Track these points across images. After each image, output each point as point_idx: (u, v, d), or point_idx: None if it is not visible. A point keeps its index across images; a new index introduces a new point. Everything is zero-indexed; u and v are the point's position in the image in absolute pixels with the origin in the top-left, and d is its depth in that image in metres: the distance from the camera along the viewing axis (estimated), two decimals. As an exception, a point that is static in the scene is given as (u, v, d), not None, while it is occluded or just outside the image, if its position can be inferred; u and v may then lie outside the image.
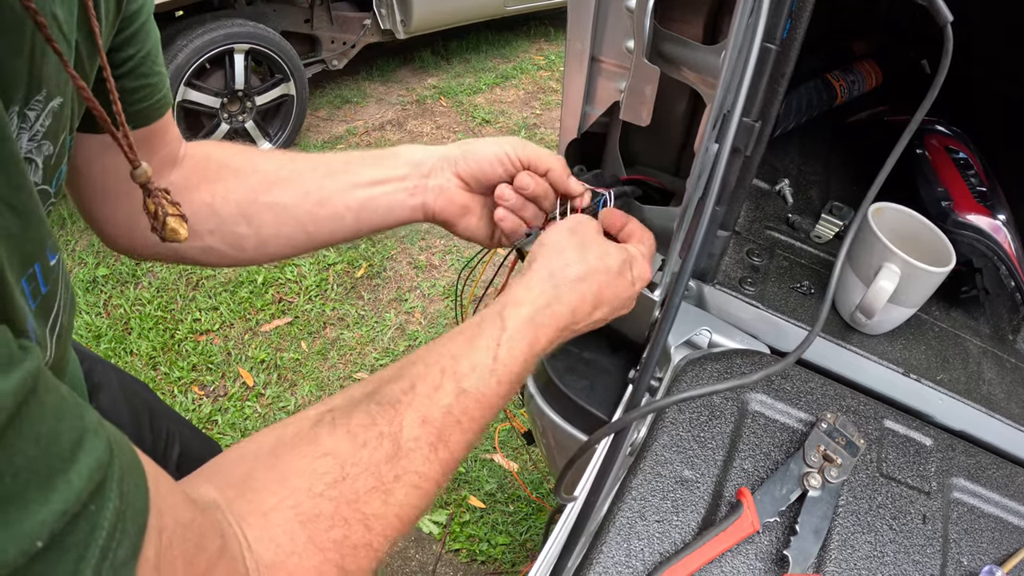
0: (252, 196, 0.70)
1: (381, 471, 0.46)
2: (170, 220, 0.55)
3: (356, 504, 0.44)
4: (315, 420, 0.48)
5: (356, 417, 0.48)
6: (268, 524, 0.42)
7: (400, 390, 0.50)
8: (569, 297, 0.61)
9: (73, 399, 0.32)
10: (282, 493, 0.43)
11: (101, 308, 2.62)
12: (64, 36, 0.44)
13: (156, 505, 0.34)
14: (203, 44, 3.02)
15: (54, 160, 0.46)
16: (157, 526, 0.33)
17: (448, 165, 0.74)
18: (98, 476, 0.30)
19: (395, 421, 0.48)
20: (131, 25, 0.56)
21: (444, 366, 0.52)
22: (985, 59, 1.30)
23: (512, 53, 5.26)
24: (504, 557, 1.97)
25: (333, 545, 0.43)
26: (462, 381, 0.52)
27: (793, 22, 0.66)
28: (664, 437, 0.73)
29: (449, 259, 3.04)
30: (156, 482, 0.35)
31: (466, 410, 0.51)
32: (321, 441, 0.46)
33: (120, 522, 0.31)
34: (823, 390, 0.82)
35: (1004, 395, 0.89)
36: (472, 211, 0.76)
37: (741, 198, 0.81)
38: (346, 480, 0.45)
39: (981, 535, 0.74)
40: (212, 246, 0.71)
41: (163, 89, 0.63)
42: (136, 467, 0.34)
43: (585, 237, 0.66)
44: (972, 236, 0.96)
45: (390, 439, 0.47)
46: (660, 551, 0.64)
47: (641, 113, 0.78)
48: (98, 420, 0.32)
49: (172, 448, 0.91)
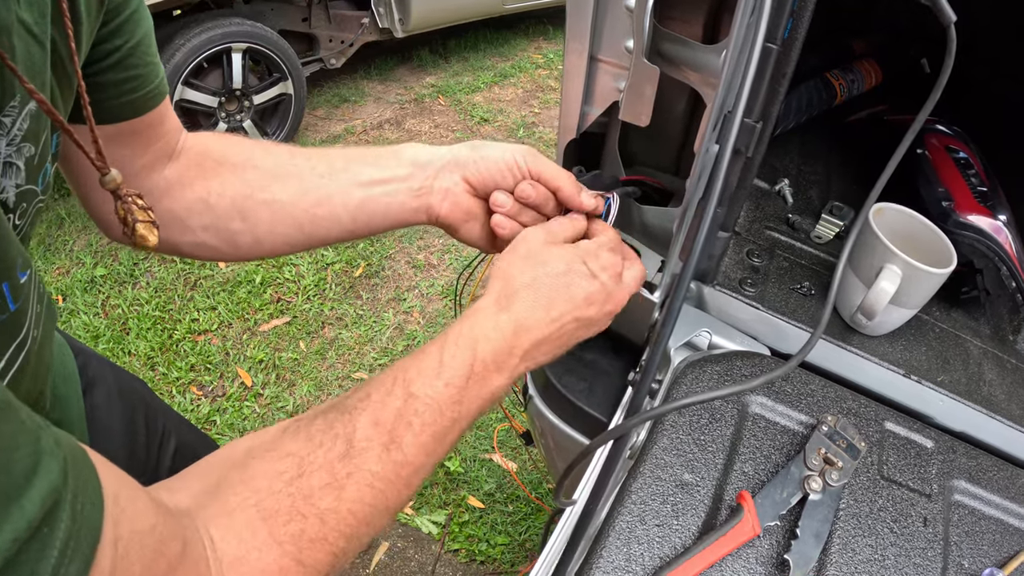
0: (248, 192, 0.69)
1: (335, 468, 0.48)
2: (139, 227, 0.55)
3: (311, 499, 0.47)
4: (283, 429, 0.51)
5: (316, 423, 0.51)
6: (232, 522, 0.44)
7: (357, 399, 0.53)
8: (515, 307, 0.60)
9: (31, 423, 0.33)
10: (245, 493, 0.46)
11: (99, 308, 2.61)
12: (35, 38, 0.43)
13: (113, 517, 0.35)
14: (201, 43, 3.01)
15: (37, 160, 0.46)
16: (112, 538, 0.35)
17: (457, 168, 0.72)
18: (50, 501, 0.31)
19: (350, 424, 0.51)
20: (118, 16, 0.56)
21: (396, 375, 0.55)
22: (986, 58, 1.30)
23: (510, 52, 5.25)
24: (503, 557, 1.96)
25: (290, 539, 0.45)
26: (410, 386, 0.54)
27: (795, 22, 0.65)
28: (664, 440, 0.73)
29: (448, 258, 3.04)
30: (116, 494, 0.36)
31: (416, 412, 0.53)
32: (284, 445, 0.49)
33: (72, 540, 0.32)
34: (824, 392, 0.82)
35: (1005, 396, 0.88)
36: (476, 217, 0.74)
37: (742, 199, 0.80)
38: (302, 477, 0.47)
39: (982, 538, 0.73)
40: (205, 241, 0.71)
41: (155, 79, 0.62)
42: (93, 484, 0.35)
43: (529, 249, 0.65)
44: (973, 237, 0.95)
45: (344, 439, 0.50)
46: (660, 555, 0.64)
47: (640, 113, 0.77)
48: (54, 441, 0.33)
49: (167, 443, 0.91)
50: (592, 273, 0.64)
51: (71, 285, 2.68)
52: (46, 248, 2.84)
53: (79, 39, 0.50)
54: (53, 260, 2.79)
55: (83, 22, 0.50)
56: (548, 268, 0.62)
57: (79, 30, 0.50)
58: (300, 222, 0.71)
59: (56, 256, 2.81)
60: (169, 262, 2.83)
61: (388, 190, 0.71)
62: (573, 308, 0.62)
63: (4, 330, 0.46)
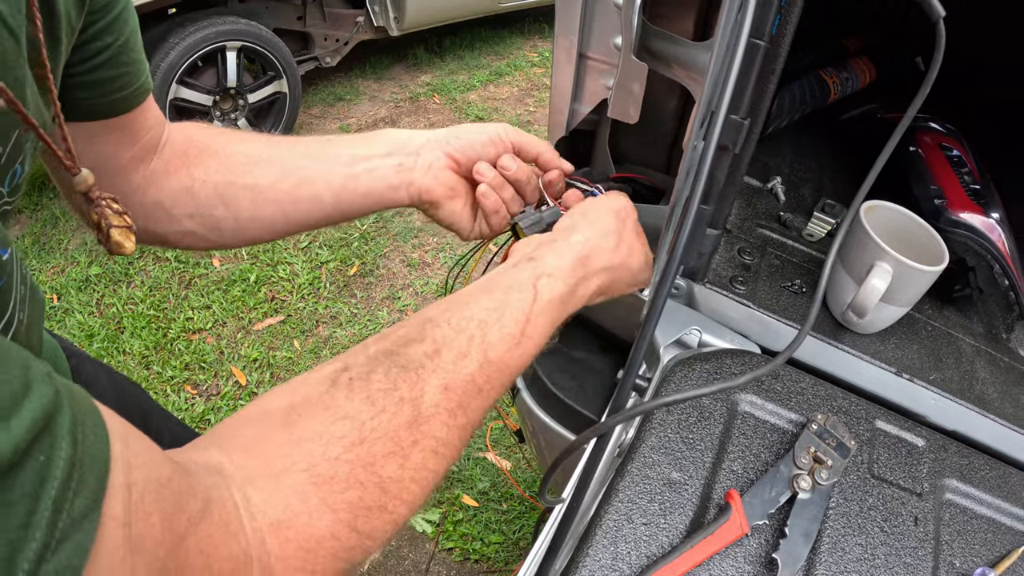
0: (230, 178, 0.69)
1: (400, 436, 0.46)
2: (114, 232, 0.53)
3: (373, 467, 0.44)
4: (331, 381, 0.47)
5: (375, 380, 0.47)
6: (279, 486, 0.41)
7: (424, 354, 0.50)
8: (594, 282, 0.63)
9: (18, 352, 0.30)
10: (295, 456, 0.42)
11: (94, 307, 2.61)
12: (11, 31, 0.42)
13: (123, 459, 0.32)
14: (195, 41, 3.00)
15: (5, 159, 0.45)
16: (124, 481, 0.32)
17: (439, 145, 0.73)
18: (42, 424, 0.28)
19: (416, 387, 0.48)
20: (105, 15, 0.55)
21: (472, 334, 0.52)
22: (979, 56, 1.29)
23: (506, 50, 5.25)
24: (497, 556, 1.96)
25: (347, 506, 0.42)
26: (489, 351, 0.52)
27: (783, 18, 0.65)
28: (652, 438, 0.72)
29: (442, 257, 3.03)
30: (125, 438, 0.34)
31: (489, 378, 0.51)
32: (338, 405, 0.45)
33: (75, 471, 0.29)
34: (814, 390, 0.81)
35: (998, 395, 0.88)
36: (458, 195, 0.75)
37: (731, 196, 0.80)
38: (364, 444, 0.44)
39: (973, 537, 0.73)
40: (191, 230, 0.71)
41: (142, 76, 0.63)
42: (94, 417, 0.32)
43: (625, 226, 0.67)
44: (965, 234, 0.95)
45: (410, 404, 0.47)
46: (647, 554, 0.63)
47: (629, 110, 0.77)
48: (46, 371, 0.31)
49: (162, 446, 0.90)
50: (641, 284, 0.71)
51: (66, 284, 2.67)
52: (40, 247, 2.83)
53: (56, 35, 0.49)
54: (48, 259, 2.78)
55: (62, 19, 0.49)
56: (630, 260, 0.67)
57: (57, 27, 0.49)
58: (282, 205, 0.71)
59: (51, 255, 2.80)
60: (163, 261, 2.82)
61: (369, 166, 0.71)
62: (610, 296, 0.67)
63: None
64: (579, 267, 0.61)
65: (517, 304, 0.55)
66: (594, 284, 0.63)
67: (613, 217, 0.67)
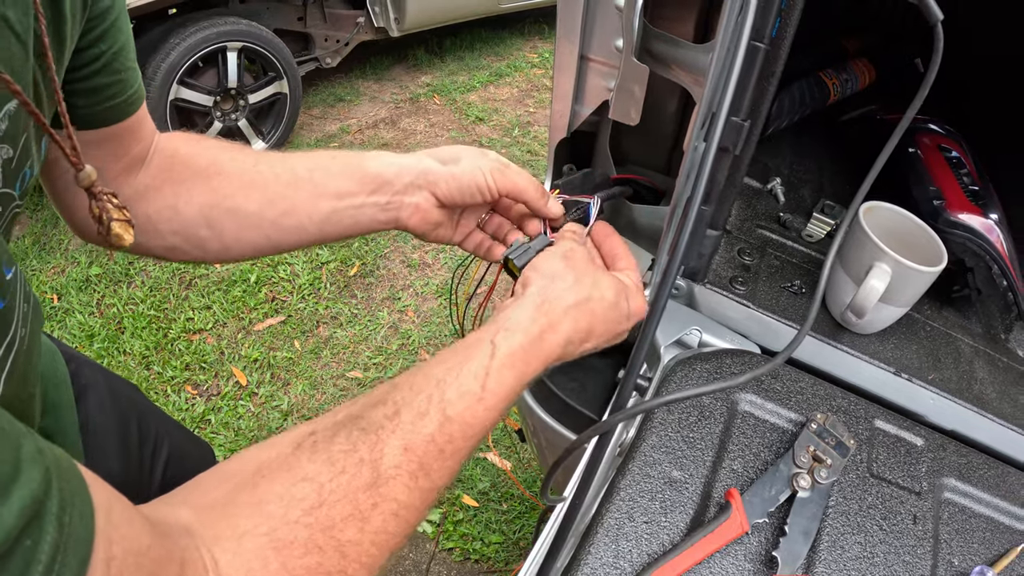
0: (214, 200, 0.69)
1: (359, 499, 0.45)
2: (115, 225, 0.54)
3: (331, 531, 0.44)
4: (297, 443, 0.47)
5: (337, 442, 0.47)
6: (240, 549, 0.41)
7: (384, 416, 0.49)
8: (563, 326, 0.59)
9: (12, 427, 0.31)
10: (257, 518, 0.42)
11: (94, 307, 2.61)
12: (18, 37, 0.43)
13: (105, 534, 0.33)
14: (196, 42, 3.00)
15: (15, 163, 0.45)
16: (104, 557, 0.33)
17: (427, 184, 0.71)
18: (31, 511, 0.29)
19: (376, 448, 0.47)
20: (102, 22, 0.56)
21: (431, 393, 0.51)
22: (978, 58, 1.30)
23: (506, 51, 5.25)
24: (498, 556, 1.96)
25: (305, 572, 0.42)
26: (448, 408, 0.51)
27: (782, 20, 0.65)
28: (653, 438, 0.73)
29: (442, 257, 3.03)
30: (108, 509, 0.34)
31: (451, 438, 0.50)
32: (301, 466, 0.46)
33: (59, 555, 0.30)
34: (813, 390, 0.82)
35: (996, 394, 0.89)
36: (443, 224, 0.75)
37: (731, 197, 0.80)
38: (323, 507, 0.44)
39: (972, 535, 0.74)
40: (176, 245, 0.70)
41: (135, 85, 0.63)
42: (82, 496, 0.33)
43: (578, 264, 0.64)
44: (964, 235, 0.95)
45: (370, 466, 0.46)
46: (648, 552, 0.64)
47: (630, 112, 0.77)
48: (37, 449, 0.32)
49: (160, 450, 0.90)
50: (628, 314, 0.65)
51: (66, 284, 2.67)
52: (41, 247, 2.83)
53: (62, 38, 0.49)
54: (48, 259, 2.78)
55: (67, 20, 0.50)
56: (597, 292, 0.62)
57: (63, 29, 0.49)
58: (265, 231, 0.71)
59: (51, 255, 2.80)
60: (164, 262, 2.82)
61: (355, 203, 0.71)
62: (602, 343, 0.64)
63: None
64: (539, 315, 0.58)
65: (476, 360, 0.54)
66: (565, 329, 0.59)
67: (560, 260, 0.64)
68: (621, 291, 0.64)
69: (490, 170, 0.70)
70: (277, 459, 0.46)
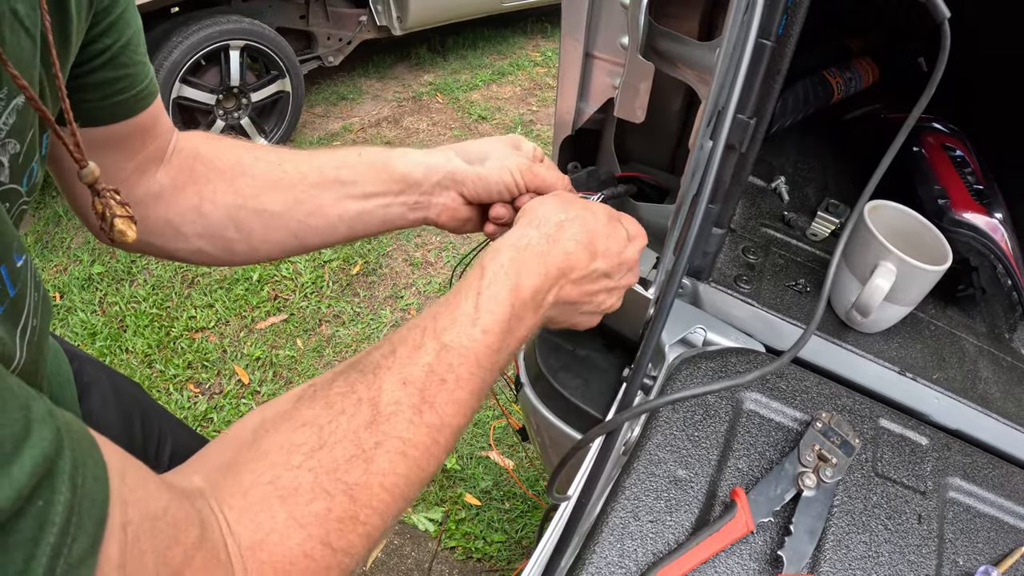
0: (240, 201, 0.69)
1: (360, 437, 0.44)
2: (118, 222, 0.53)
3: (336, 473, 0.42)
4: (297, 396, 0.47)
5: (335, 386, 0.47)
6: (247, 503, 0.40)
7: (380, 355, 0.49)
8: (556, 236, 0.58)
9: (21, 389, 0.30)
10: (260, 469, 0.42)
11: (96, 306, 2.61)
12: (27, 31, 0.43)
13: (120, 497, 0.32)
14: (199, 40, 3.01)
15: (22, 158, 0.45)
16: (121, 521, 0.32)
17: (454, 185, 0.71)
18: (43, 469, 0.29)
19: (374, 386, 0.46)
20: (108, 15, 0.55)
21: (425, 325, 0.50)
22: (983, 56, 1.30)
23: (509, 49, 5.25)
24: (500, 554, 1.96)
25: (315, 520, 0.41)
26: (442, 336, 0.49)
27: (789, 18, 0.65)
28: (658, 436, 0.73)
29: (445, 256, 3.04)
30: (122, 472, 0.34)
31: (451, 366, 0.49)
32: (300, 414, 0.45)
33: (74, 516, 0.29)
34: (818, 389, 0.82)
35: (1000, 394, 0.88)
36: (471, 220, 0.76)
37: (736, 195, 0.80)
38: (323, 448, 0.43)
39: (977, 535, 0.73)
40: (202, 248, 0.70)
41: (145, 79, 0.62)
42: (94, 457, 0.32)
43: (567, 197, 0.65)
44: (969, 234, 0.95)
45: (368, 404, 0.46)
46: (654, 551, 0.64)
47: (635, 110, 0.77)
48: (47, 410, 0.31)
49: (164, 447, 0.91)
50: (627, 236, 0.64)
51: (68, 283, 2.67)
52: (43, 245, 2.84)
53: (67, 33, 0.49)
54: (50, 257, 2.79)
55: (73, 17, 0.50)
56: (588, 211, 0.62)
57: (68, 25, 0.49)
58: (293, 231, 0.70)
59: (53, 253, 2.81)
60: (166, 260, 2.82)
61: (382, 203, 0.71)
62: (606, 260, 0.62)
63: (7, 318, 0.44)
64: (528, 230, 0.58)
65: (468, 285, 0.53)
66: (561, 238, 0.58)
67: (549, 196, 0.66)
68: (614, 215, 0.65)
69: (517, 167, 0.70)
70: (278, 413, 0.46)
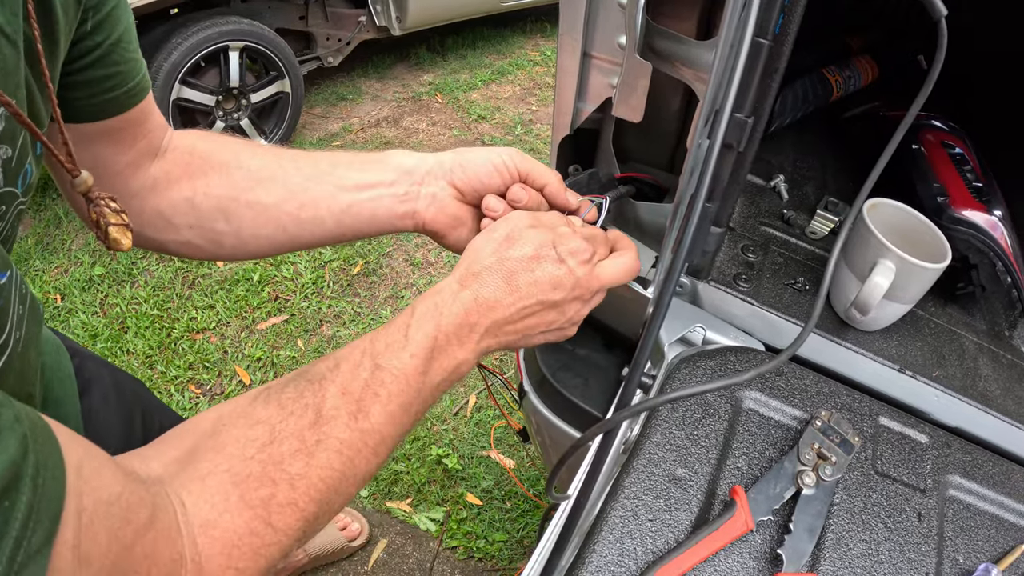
0: (233, 193, 0.69)
1: (305, 436, 0.50)
2: (112, 230, 0.55)
3: (281, 465, 0.49)
4: (253, 397, 0.53)
5: (287, 391, 0.53)
6: (205, 487, 0.46)
7: (327, 368, 0.55)
8: (476, 285, 0.61)
9: None
10: (218, 460, 0.48)
11: (97, 307, 2.61)
12: (8, 38, 0.42)
13: (76, 489, 0.36)
14: (198, 42, 3.01)
15: (15, 162, 0.45)
16: (76, 509, 0.36)
17: (443, 173, 0.71)
18: (10, 474, 0.32)
19: (319, 393, 0.53)
20: (98, 12, 0.55)
21: (364, 347, 0.57)
22: (982, 54, 1.30)
23: (508, 49, 5.25)
24: (501, 554, 1.96)
25: (261, 503, 0.47)
26: (378, 358, 0.56)
27: (786, 17, 0.65)
28: (657, 435, 0.73)
29: (445, 256, 3.03)
30: (79, 466, 0.37)
31: (383, 383, 0.55)
32: (255, 413, 0.51)
33: (34, 513, 0.33)
34: (818, 387, 0.82)
35: (1000, 391, 0.88)
36: (464, 223, 0.74)
37: (735, 194, 0.80)
38: (273, 443, 0.49)
39: (977, 533, 0.73)
40: (190, 240, 0.71)
41: (137, 76, 0.62)
42: (54, 457, 0.36)
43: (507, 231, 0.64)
44: (968, 232, 0.95)
45: (313, 408, 0.52)
46: (653, 550, 0.64)
47: (633, 109, 0.77)
48: (14, 417, 0.34)
49: None
50: (560, 257, 0.63)
51: (69, 284, 2.67)
52: (44, 247, 2.84)
53: (55, 37, 0.49)
54: (51, 259, 2.79)
55: (59, 20, 0.49)
56: (515, 250, 0.62)
57: (55, 28, 0.49)
58: (284, 224, 0.71)
59: (54, 255, 2.81)
60: (167, 261, 2.83)
61: (373, 195, 0.71)
62: (537, 291, 0.62)
63: None
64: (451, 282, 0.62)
65: (401, 319, 0.59)
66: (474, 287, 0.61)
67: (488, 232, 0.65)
68: (543, 243, 0.63)
69: (508, 154, 0.71)
70: (235, 411, 0.52)
